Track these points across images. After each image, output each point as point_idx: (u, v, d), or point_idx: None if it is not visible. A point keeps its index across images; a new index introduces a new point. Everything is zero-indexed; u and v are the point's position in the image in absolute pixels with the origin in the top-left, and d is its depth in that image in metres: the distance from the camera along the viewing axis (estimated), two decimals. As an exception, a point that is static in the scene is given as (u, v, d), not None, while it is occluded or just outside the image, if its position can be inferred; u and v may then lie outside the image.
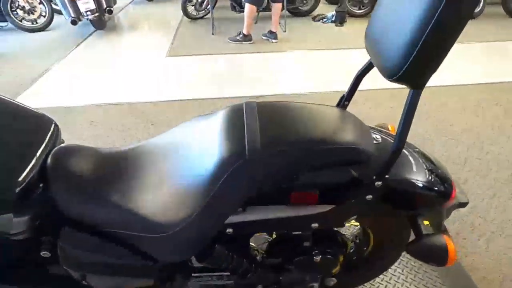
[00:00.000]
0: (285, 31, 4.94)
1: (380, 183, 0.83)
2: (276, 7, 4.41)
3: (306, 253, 1.00)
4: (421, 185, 0.90)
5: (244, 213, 0.84)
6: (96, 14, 4.79)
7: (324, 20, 5.44)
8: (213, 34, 4.90)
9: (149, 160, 0.89)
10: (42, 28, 5.20)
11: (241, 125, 0.81)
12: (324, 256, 1.01)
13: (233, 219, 0.84)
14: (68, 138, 0.97)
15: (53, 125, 0.92)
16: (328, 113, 0.90)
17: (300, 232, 0.95)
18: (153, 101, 3.04)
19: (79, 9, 4.61)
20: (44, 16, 5.19)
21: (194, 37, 4.89)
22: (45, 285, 0.93)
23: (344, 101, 1.01)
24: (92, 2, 4.67)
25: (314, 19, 5.53)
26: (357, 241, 1.20)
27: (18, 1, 4.94)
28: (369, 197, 0.85)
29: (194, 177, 0.80)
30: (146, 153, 0.91)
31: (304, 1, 5.59)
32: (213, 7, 5.37)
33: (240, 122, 0.82)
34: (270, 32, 4.53)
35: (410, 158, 0.96)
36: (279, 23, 4.73)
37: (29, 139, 0.85)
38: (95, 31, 5.20)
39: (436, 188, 0.91)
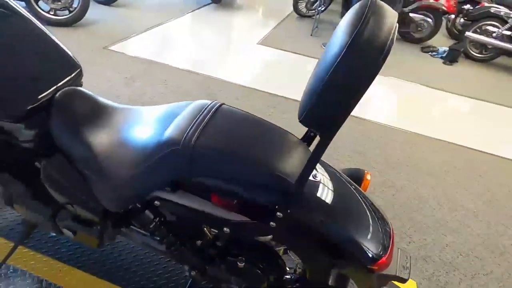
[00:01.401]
0: (386, 53, 4.70)
1: (281, 214, 0.86)
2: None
3: (231, 254, 1.07)
4: (336, 234, 0.89)
5: (173, 194, 0.95)
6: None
7: (434, 54, 5.01)
8: (311, 35, 4.93)
9: (126, 121, 1.05)
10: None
11: (192, 119, 0.91)
12: (249, 266, 1.06)
13: (161, 194, 0.95)
14: (140, 87, 1.14)
15: (78, 70, 1.14)
16: (280, 138, 0.94)
17: (217, 231, 1.04)
18: (225, 80, 3.27)
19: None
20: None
21: (292, 33, 5.00)
22: (25, 188, 1.16)
23: (310, 132, 1.02)
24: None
25: (423, 49, 5.13)
26: (297, 271, 1.21)
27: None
28: (272, 224, 0.88)
29: (142, 147, 0.93)
30: (128, 115, 1.07)
31: (419, 28, 5.20)
32: (324, 9, 5.37)
33: (194, 116, 0.92)
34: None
35: (352, 204, 0.95)
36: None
37: (53, 72, 1.08)
38: (211, 3, 5.67)
39: (358, 245, 0.89)
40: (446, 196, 2.24)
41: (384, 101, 3.47)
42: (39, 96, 1.01)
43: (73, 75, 1.13)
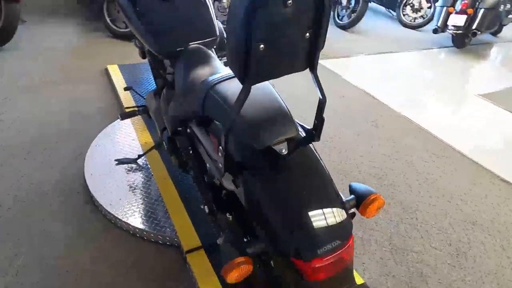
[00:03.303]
0: None
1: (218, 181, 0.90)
2: None
3: (225, 207, 1.15)
4: (267, 215, 0.83)
5: (196, 127, 1.20)
6: (460, 32, 4.75)
7: None
8: None
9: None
10: (415, 27, 5.78)
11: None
12: (235, 223, 1.11)
13: (192, 125, 1.23)
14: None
15: (215, 37, 1.53)
16: (274, 109, 0.94)
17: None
18: (447, 143, 3.06)
19: (447, 21, 4.75)
20: (424, 18, 5.70)
21: None
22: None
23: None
24: (464, 20, 4.64)
25: None
26: None
27: (413, -1, 5.68)
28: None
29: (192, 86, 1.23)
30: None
31: None
32: None
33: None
34: None
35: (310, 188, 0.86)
36: None
37: (199, 30, 1.50)
38: (451, 46, 5.20)
39: (286, 234, 0.81)
40: None
41: None
42: (183, 44, 1.46)
43: (211, 39, 1.53)
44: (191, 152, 1.28)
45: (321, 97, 0.82)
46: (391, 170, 2.31)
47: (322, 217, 0.82)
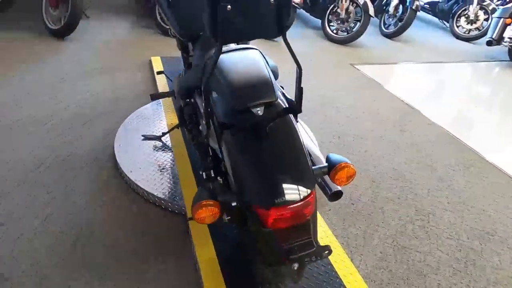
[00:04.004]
0: None
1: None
2: None
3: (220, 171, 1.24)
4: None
5: (199, 98, 1.31)
6: (517, 45, 4.44)
7: None
8: None
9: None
10: (469, 39, 5.49)
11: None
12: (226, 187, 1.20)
13: (197, 96, 1.34)
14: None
15: None
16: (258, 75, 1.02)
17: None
18: (494, 164, 2.94)
19: (503, 33, 4.47)
20: (479, 30, 5.40)
21: None
22: None
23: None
24: (523, 32, 4.34)
25: None
26: None
27: (469, 10, 5.40)
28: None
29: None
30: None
31: None
32: None
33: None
34: None
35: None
36: None
37: None
38: (507, 61, 4.86)
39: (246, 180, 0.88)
40: None
41: None
42: (203, 29, 1.60)
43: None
44: (194, 119, 1.40)
45: (296, 66, 0.89)
46: (411, 173, 2.25)
47: (286, 176, 0.89)
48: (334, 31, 4.69)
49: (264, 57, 1.14)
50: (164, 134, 2.13)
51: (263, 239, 0.89)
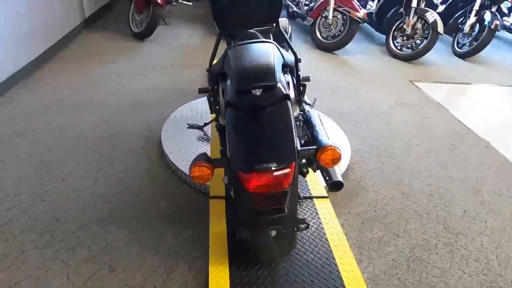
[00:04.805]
0: None
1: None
2: None
3: None
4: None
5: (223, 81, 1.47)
6: None
7: None
8: None
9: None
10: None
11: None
12: None
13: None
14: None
15: (275, 28, 1.80)
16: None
17: None
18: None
19: None
20: None
21: None
22: None
23: None
24: None
25: None
26: None
27: None
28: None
29: None
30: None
31: None
32: None
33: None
34: None
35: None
36: None
37: (258, 16, 1.78)
38: None
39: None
40: None
41: None
42: (241, 28, 1.76)
43: (267, 27, 1.79)
44: (218, 102, 1.56)
45: (293, 54, 1.00)
46: (448, 191, 2.13)
47: (270, 149, 1.00)
48: (398, 47, 4.57)
49: (279, 50, 1.26)
50: (205, 124, 2.35)
51: (243, 202, 1.00)
